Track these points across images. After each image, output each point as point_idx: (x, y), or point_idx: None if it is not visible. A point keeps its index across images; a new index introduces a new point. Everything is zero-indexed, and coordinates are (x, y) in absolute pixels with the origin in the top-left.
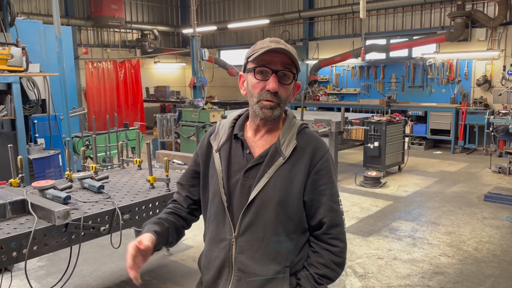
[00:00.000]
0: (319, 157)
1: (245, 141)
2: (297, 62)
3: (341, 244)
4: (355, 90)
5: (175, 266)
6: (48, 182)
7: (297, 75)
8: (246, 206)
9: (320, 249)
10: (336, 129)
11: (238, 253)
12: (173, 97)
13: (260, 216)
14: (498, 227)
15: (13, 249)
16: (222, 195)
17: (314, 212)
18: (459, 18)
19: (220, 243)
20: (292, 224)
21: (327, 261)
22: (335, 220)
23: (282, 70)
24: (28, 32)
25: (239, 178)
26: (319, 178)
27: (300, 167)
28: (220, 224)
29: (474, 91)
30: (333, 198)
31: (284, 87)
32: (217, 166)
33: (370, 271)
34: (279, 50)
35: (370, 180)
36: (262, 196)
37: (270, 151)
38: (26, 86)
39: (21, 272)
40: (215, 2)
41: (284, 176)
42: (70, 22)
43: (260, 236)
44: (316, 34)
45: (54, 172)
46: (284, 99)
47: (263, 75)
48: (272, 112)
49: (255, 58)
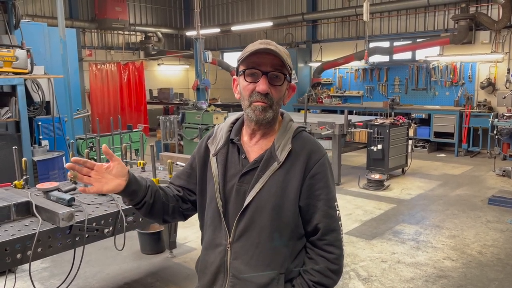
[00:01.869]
0: (314, 161)
1: (241, 146)
2: (288, 63)
3: (337, 251)
4: (358, 93)
5: (178, 268)
6: (52, 184)
7: (290, 76)
8: (241, 212)
9: (316, 255)
10: (340, 131)
11: (233, 259)
12: (177, 99)
13: (255, 222)
14: (502, 231)
15: (17, 251)
16: (218, 200)
17: (310, 217)
18: (463, 21)
19: (216, 248)
20: (288, 229)
21: (322, 268)
22: (330, 225)
23: (272, 71)
24: (33, 34)
25: (234, 183)
26: (314, 182)
27: (295, 171)
28: (216, 229)
29: (478, 94)
30: (329, 204)
31: (276, 88)
32: (213, 171)
33: (374, 274)
34: (267, 51)
35: (373, 183)
36: (257, 201)
37: (265, 156)
38: (31, 88)
39: (24, 273)
40: (219, 4)
41: (279, 181)
42: (74, 24)
43: (255, 241)
44: (319, 37)
45: (58, 174)
46: (277, 100)
47: (254, 77)
48: (264, 114)
49: (244, 60)
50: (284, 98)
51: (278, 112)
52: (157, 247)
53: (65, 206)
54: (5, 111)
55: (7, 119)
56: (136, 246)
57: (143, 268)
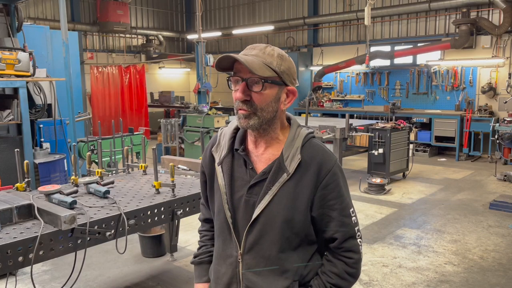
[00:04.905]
0: (326, 171)
1: (246, 157)
2: (264, 67)
3: (356, 256)
4: (359, 97)
5: (179, 271)
6: (54, 187)
7: (278, 80)
8: (250, 224)
9: (334, 259)
10: (341, 135)
11: (245, 270)
12: (178, 102)
13: (265, 235)
14: (503, 236)
15: (19, 254)
16: (226, 212)
17: (325, 227)
18: (464, 26)
19: (227, 259)
20: (298, 239)
21: (340, 271)
22: (347, 233)
23: (250, 77)
24: (35, 37)
25: (243, 194)
26: (327, 193)
27: (306, 183)
28: (226, 240)
29: (479, 99)
30: (343, 212)
31: (258, 94)
32: (219, 181)
33: (375, 279)
34: (228, 58)
35: (374, 187)
36: (267, 214)
37: (274, 167)
38: (33, 90)
39: (25, 276)
40: (220, 8)
41: (289, 193)
42: (76, 27)
43: (266, 254)
44: (320, 41)
45: (59, 177)
46: (262, 107)
47: (237, 84)
48: (247, 122)
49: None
50: (280, 103)
51: (271, 119)
52: (158, 251)
53: (67, 209)
54: (7, 114)
55: (9, 121)
56: (137, 250)
57: (144, 272)
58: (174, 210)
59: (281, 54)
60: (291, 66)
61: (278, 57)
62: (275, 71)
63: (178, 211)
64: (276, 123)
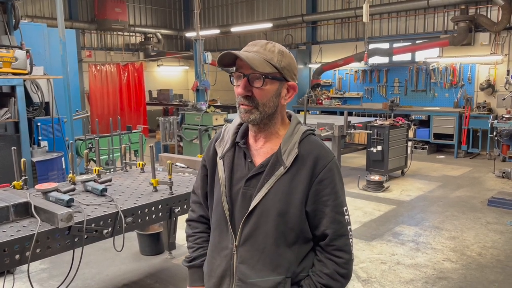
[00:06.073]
0: (321, 166)
1: (246, 149)
2: (265, 64)
3: (346, 256)
4: (358, 94)
5: (177, 269)
6: (51, 185)
7: (279, 76)
8: (246, 216)
9: (325, 258)
10: (339, 133)
11: (239, 263)
12: (176, 100)
13: (260, 227)
14: (502, 232)
15: (16, 252)
16: (224, 204)
17: (318, 223)
18: (463, 23)
19: (222, 252)
20: (293, 234)
21: (331, 271)
22: (339, 231)
23: (251, 73)
24: (32, 35)
25: (241, 187)
26: (321, 188)
27: (302, 177)
28: (222, 233)
29: (478, 96)
30: (336, 209)
31: (259, 90)
32: (220, 174)
33: (373, 276)
34: (229, 55)
35: (373, 184)
36: (262, 206)
37: (271, 160)
38: (30, 89)
39: (23, 274)
40: (219, 5)
41: (285, 186)
42: (73, 25)
43: (260, 246)
44: (319, 38)
45: (57, 175)
46: (263, 102)
47: (239, 80)
48: (248, 116)
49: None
50: (281, 98)
51: (272, 114)
52: (156, 248)
53: (64, 207)
54: (4, 112)
55: (6, 119)
56: (135, 247)
57: (142, 269)
58: (172, 208)
59: (282, 50)
60: (292, 61)
61: (279, 53)
62: (275, 67)
63: (175, 208)
64: (276, 118)
